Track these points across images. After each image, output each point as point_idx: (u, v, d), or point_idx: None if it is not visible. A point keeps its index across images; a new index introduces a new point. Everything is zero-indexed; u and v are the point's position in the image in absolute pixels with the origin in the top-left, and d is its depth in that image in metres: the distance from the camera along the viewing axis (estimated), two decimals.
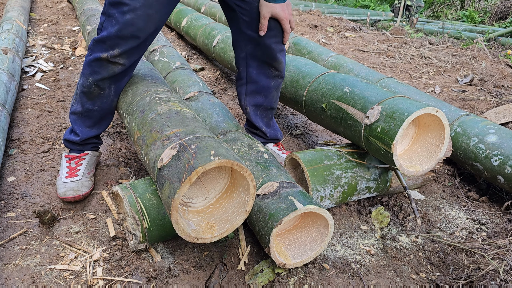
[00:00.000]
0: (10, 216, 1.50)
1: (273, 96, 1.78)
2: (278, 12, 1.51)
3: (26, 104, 2.41)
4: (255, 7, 1.53)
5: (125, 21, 1.37)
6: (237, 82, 1.78)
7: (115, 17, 1.38)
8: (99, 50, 1.44)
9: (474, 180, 1.98)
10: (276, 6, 1.50)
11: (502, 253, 1.36)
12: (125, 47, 1.42)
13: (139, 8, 1.36)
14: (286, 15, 1.53)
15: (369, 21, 7.17)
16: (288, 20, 1.55)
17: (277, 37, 1.60)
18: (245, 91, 1.76)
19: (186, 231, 1.10)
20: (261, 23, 1.54)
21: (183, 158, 1.09)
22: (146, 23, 1.39)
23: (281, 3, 1.51)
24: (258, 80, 1.70)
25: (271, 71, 1.68)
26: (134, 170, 1.85)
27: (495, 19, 8.91)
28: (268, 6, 1.50)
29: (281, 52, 1.66)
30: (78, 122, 1.65)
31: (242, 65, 1.70)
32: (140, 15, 1.37)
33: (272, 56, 1.63)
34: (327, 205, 1.58)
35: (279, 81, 1.75)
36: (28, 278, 1.24)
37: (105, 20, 1.42)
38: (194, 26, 3.41)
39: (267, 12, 1.51)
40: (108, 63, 1.46)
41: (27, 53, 3.22)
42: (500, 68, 3.48)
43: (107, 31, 1.40)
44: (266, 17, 1.52)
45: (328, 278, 1.34)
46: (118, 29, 1.38)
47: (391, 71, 3.39)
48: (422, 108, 1.36)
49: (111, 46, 1.42)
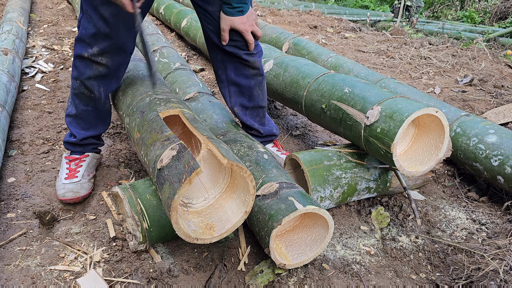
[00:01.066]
0: (10, 217, 1.50)
1: (257, 95, 1.76)
2: (237, 25, 1.50)
3: (26, 105, 2.41)
4: (217, 18, 1.52)
5: (96, 16, 1.36)
6: (219, 85, 1.77)
7: (88, 13, 1.37)
8: (80, 48, 1.44)
9: (474, 181, 1.98)
10: (234, 19, 1.49)
11: (502, 254, 1.36)
12: (102, 45, 1.42)
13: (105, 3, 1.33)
14: (246, 28, 1.52)
15: (369, 22, 7.17)
16: (250, 31, 1.54)
17: (241, 46, 1.59)
18: (228, 93, 1.75)
19: (186, 232, 1.10)
20: (222, 35, 1.54)
21: (183, 159, 1.09)
22: (115, 18, 1.37)
23: (240, 16, 1.49)
24: (238, 81, 1.69)
25: (248, 70, 1.67)
26: (134, 171, 1.85)
27: (495, 20, 8.91)
28: (227, 19, 1.49)
29: (251, 55, 1.64)
30: (73, 124, 1.66)
31: (220, 68, 1.70)
32: (108, 10, 1.34)
33: (242, 59, 1.62)
34: (327, 205, 1.58)
35: (260, 79, 1.73)
36: (28, 279, 1.24)
37: (82, 16, 1.42)
38: (194, 27, 3.41)
39: (226, 25, 1.51)
40: (91, 63, 1.46)
41: (27, 54, 3.22)
42: (500, 69, 3.48)
43: (84, 28, 1.41)
44: (226, 29, 1.52)
45: (328, 278, 1.34)
46: (93, 25, 1.38)
47: (391, 72, 3.39)
48: (422, 108, 1.36)
49: (89, 44, 1.42)
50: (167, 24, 4.30)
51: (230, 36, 1.54)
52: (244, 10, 1.50)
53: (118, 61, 1.51)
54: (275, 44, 3.18)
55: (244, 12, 1.50)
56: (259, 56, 1.67)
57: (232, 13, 1.48)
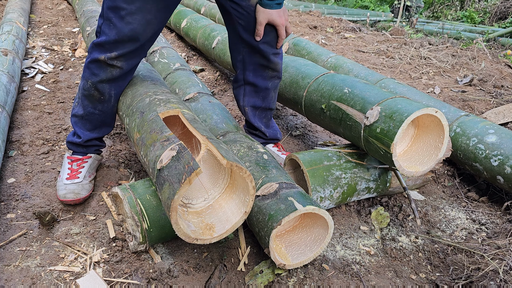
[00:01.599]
0: (10, 217, 1.50)
1: (271, 97, 1.79)
2: (275, 18, 1.51)
3: (26, 105, 2.42)
4: (251, 12, 1.52)
5: (123, 25, 1.37)
6: (234, 84, 1.78)
7: (112, 21, 1.38)
8: (97, 53, 1.45)
9: (474, 181, 1.98)
10: (273, 12, 1.49)
11: (502, 253, 1.36)
12: (122, 50, 1.43)
13: (136, 12, 1.36)
14: (283, 21, 1.53)
15: (369, 22, 7.17)
16: (284, 26, 1.55)
17: (272, 42, 1.60)
18: (243, 92, 1.76)
19: (185, 232, 1.10)
20: (257, 29, 1.53)
21: (183, 159, 1.09)
22: (144, 28, 1.40)
23: (278, 9, 1.50)
24: (255, 82, 1.71)
25: (268, 72, 1.69)
26: (134, 171, 1.85)
27: (494, 20, 8.91)
28: (265, 13, 1.49)
29: (277, 55, 1.65)
30: (79, 125, 1.66)
31: (240, 68, 1.71)
32: (138, 19, 1.37)
33: (268, 59, 1.63)
34: (327, 205, 1.58)
35: (277, 82, 1.75)
36: (28, 280, 1.24)
37: (103, 23, 1.42)
38: (193, 27, 3.42)
39: (264, 19, 1.50)
40: (106, 66, 1.46)
41: (27, 55, 3.23)
42: (500, 69, 3.48)
43: (105, 35, 1.41)
44: (263, 23, 1.51)
45: (328, 278, 1.34)
46: (116, 33, 1.38)
47: (390, 72, 3.39)
48: (422, 108, 1.36)
49: (109, 49, 1.42)
50: (167, 25, 4.30)
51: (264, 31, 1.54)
52: (282, 3, 1.50)
53: (133, 64, 1.52)
54: None
55: (281, 5, 1.51)
56: (280, 59, 1.69)
57: (271, 6, 1.48)
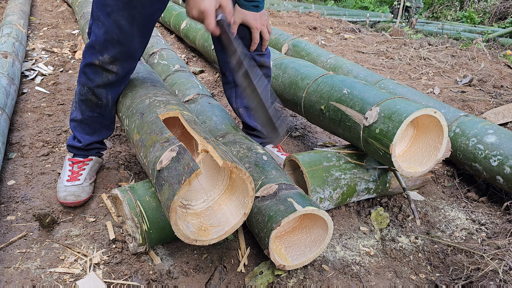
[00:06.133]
0: (10, 219, 1.50)
1: None
2: (249, 20, 1.49)
3: (26, 107, 2.42)
4: None
5: (110, 22, 1.35)
6: (225, 86, 1.76)
7: (101, 19, 1.36)
8: (90, 56, 1.43)
9: (474, 181, 1.98)
10: (248, 13, 1.48)
11: (502, 254, 1.36)
12: (113, 52, 1.40)
13: (123, 8, 1.32)
14: (257, 25, 1.51)
15: (368, 23, 7.18)
16: (259, 30, 1.53)
17: (248, 43, 1.58)
18: (234, 94, 1.75)
19: (185, 233, 1.10)
20: (231, 27, 1.53)
21: (183, 160, 1.09)
22: (130, 24, 1.36)
23: (254, 11, 1.49)
24: None
25: None
26: (134, 173, 1.85)
27: (494, 20, 8.92)
28: (240, 12, 1.48)
29: (262, 56, 1.63)
30: (78, 129, 1.66)
31: (228, 69, 1.69)
32: (125, 16, 1.34)
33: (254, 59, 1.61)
34: (326, 206, 1.58)
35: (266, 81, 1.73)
36: (28, 282, 1.24)
37: (93, 23, 1.41)
38: (193, 28, 3.42)
39: (238, 18, 1.49)
40: (102, 70, 1.46)
41: (26, 57, 3.23)
42: (500, 69, 3.49)
43: (95, 35, 1.39)
44: (237, 22, 1.50)
45: (328, 279, 1.34)
46: (105, 31, 1.36)
47: (390, 72, 3.39)
48: (421, 109, 1.36)
49: (100, 51, 1.41)
50: (167, 26, 4.31)
51: (238, 32, 1.53)
52: (259, 7, 1.50)
53: (127, 68, 1.51)
54: (274, 45, 3.19)
55: (258, 9, 1.50)
56: (267, 58, 1.67)
57: (246, 7, 1.48)
